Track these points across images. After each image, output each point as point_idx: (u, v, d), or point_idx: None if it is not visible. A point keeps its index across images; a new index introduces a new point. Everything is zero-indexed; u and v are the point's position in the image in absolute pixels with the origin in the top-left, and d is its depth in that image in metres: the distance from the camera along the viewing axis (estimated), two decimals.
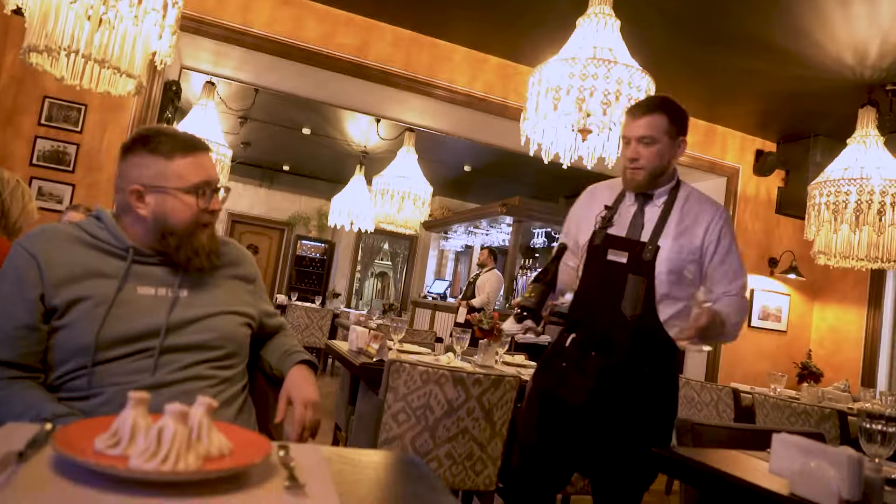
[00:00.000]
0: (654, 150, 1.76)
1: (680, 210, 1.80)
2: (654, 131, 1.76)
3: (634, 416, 1.76)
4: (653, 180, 1.79)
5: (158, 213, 1.25)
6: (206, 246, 1.29)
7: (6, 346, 1.14)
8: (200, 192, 1.27)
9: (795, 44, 3.58)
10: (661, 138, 1.76)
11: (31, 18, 2.31)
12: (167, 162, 1.25)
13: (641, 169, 1.77)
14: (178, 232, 1.26)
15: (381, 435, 2.30)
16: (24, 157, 3.40)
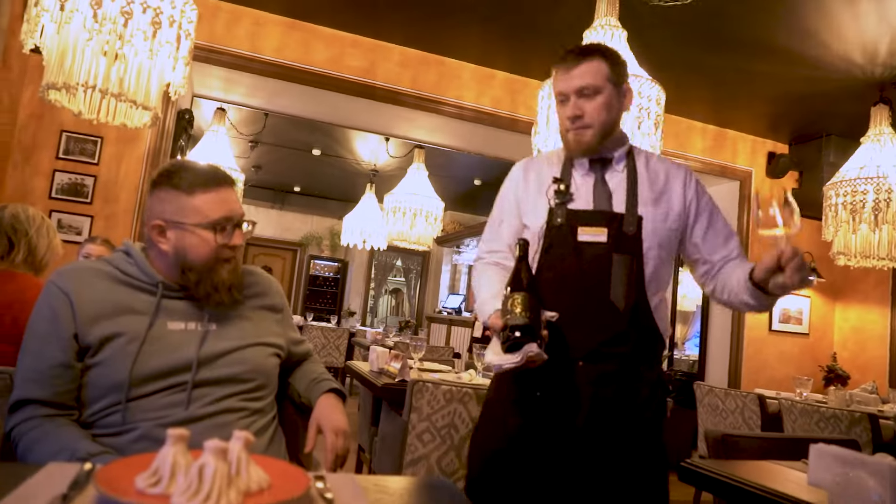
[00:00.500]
0: (600, 101, 1.46)
1: (647, 172, 1.53)
2: (596, 79, 1.46)
3: (637, 427, 1.47)
4: (602, 141, 1.49)
5: (179, 249, 1.26)
6: (226, 281, 1.29)
7: (41, 384, 1.15)
8: (219, 228, 1.27)
9: (802, 45, 3.57)
10: (605, 86, 1.47)
11: (48, 57, 2.36)
12: (188, 197, 1.25)
13: (588, 127, 1.47)
14: (198, 268, 1.27)
15: (407, 456, 2.30)
16: (44, 191, 3.45)
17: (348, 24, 3.98)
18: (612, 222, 1.47)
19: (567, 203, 1.50)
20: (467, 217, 10.55)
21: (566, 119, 1.49)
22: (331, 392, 1.41)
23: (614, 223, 1.46)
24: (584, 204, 1.50)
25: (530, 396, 1.46)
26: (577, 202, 1.50)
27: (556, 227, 1.49)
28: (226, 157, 5.41)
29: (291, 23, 3.94)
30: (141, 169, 3.61)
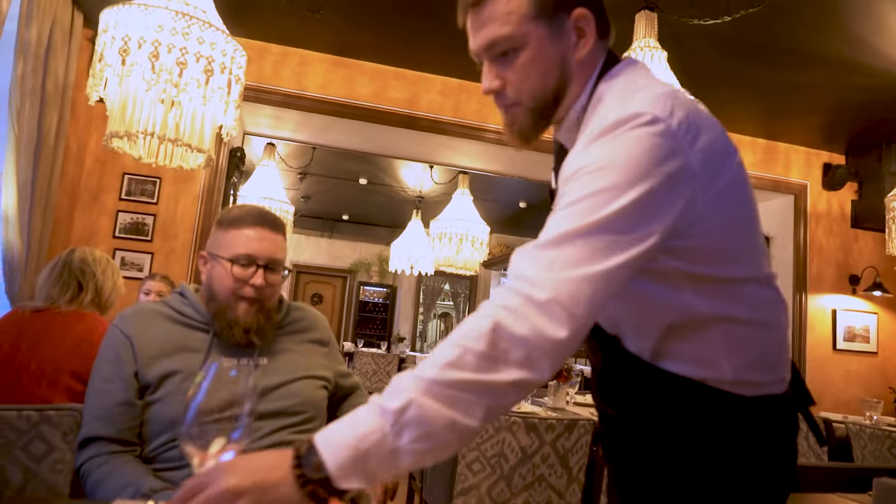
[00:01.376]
0: (524, 61, 0.91)
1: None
2: (508, 25, 0.90)
3: None
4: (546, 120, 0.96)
5: (209, 278, 1.35)
6: (241, 321, 1.31)
7: (107, 422, 1.22)
8: (241, 263, 1.30)
9: (854, 53, 3.46)
10: (528, 33, 0.90)
11: (111, 107, 2.52)
12: (223, 232, 1.34)
13: (516, 105, 0.94)
14: (218, 299, 1.32)
15: (458, 485, 2.29)
16: (108, 231, 3.65)
17: (390, 58, 4.09)
18: None
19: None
20: (514, 239, 10.53)
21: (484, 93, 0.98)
22: None
23: None
24: None
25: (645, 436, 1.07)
26: None
27: None
28: (276, 189, 5.59)
29: (336, 60, 4.08)
30: (196, 206, 3.78)
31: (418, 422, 0.69)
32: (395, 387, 0.71)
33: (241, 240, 1.32)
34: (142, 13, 2.39)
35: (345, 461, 0.68)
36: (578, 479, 2.37)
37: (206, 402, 0.77)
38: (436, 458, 0.72)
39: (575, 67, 0.93)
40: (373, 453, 0.68)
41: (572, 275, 0.75)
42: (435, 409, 0.69)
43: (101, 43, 2.48)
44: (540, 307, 0.73)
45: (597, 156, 0.81)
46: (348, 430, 0.70)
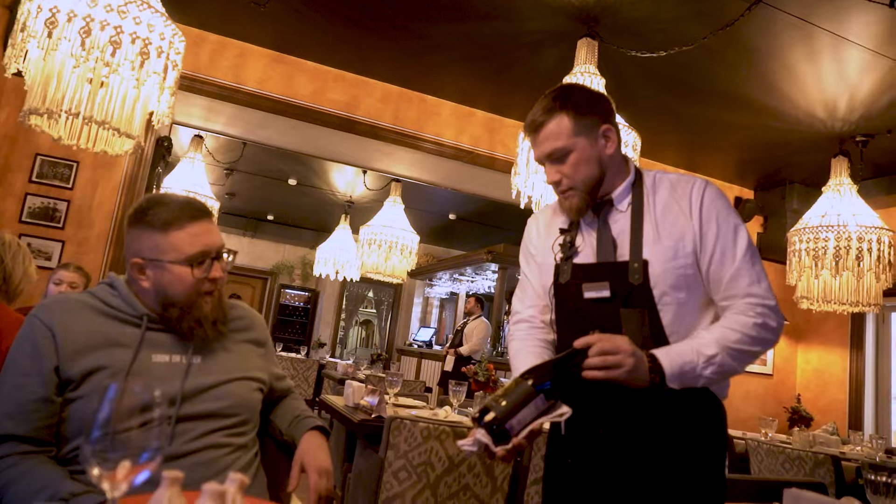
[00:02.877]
0: (573, 161, 1.32)
1: (653, 203, 1.33)
2: (559, 140, 1.32)
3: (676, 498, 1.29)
4: (594, 195, 1.35)
5: (158, 286, 1.26)
6: (208, 316, 1.28)
7: (20, 419, 1.13)
8: (197, 263, 1.25)
9: (768, 97, 3.75)
10: (574, 143, 1.32)
11: (32, 82, 2.34)
12: (162, 235, 1.24)
13: (572, 190, 1.34)
14: (179, 303, 1.26)
15: (382, 494, 2.27)
16: (14, 214, 3.38)
17: (332, 59, 4.04)
18: (617, 274, 1.30)
19: (572, 257, 1.36)
20: (440, 250, 10.60)
21: (549, 184, 1.40)
22: (315, 429, 1.40)
23: (619, 274, 1.29)
24: (589, 256, 1.36)
25: (562, 464, 1.39)
26: (582, 255, 1.36)
27: (563, 284, 1.36)
28: (201, 184, 5.37)
29: (276, 55, 3.99)
30: (117, 195, 3.57)
31: (719, 364, 1.23)
32: (706, 341, 1.25)
33: (188, 239, 1.25)
34: None
35: (672, 372, 1.21)
36: (502, 488, 2.40)
37: (110, 414, 0.70)
38: (711, 385, 1.29)
39: (607, 161, 1.36)
40: (686, 373, 1.22)
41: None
42: (727, 361, 1.24)
43: (24, 11, 2.31)
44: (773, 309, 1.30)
45: None
46: (677, 357, 1.22)
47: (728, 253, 1.29)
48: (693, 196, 1.32)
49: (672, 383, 1.21)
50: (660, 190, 1.36)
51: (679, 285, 1.28)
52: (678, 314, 1.28)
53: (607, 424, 1.32)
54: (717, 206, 1.32)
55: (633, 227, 1.32)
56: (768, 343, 1.28)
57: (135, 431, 0.69)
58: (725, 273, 1.28)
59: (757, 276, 1.29)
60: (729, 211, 1.33)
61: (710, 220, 1.30)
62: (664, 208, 1.33)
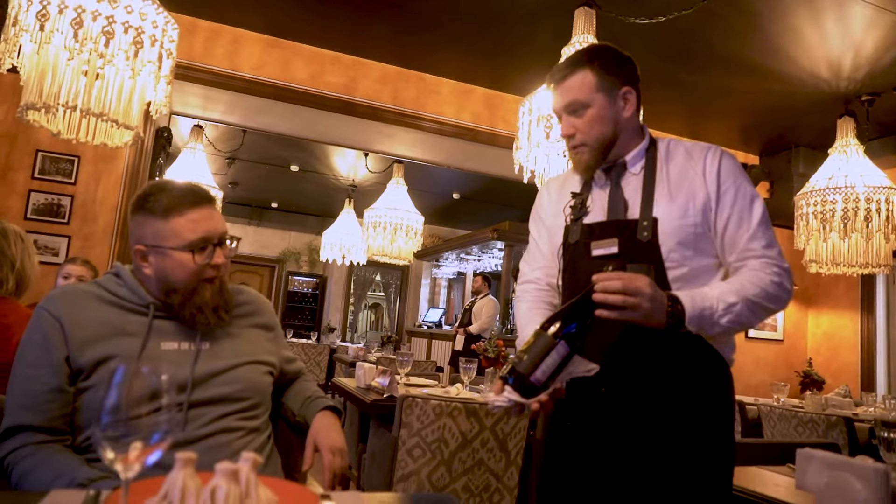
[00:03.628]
0: (590, 116, 1.34)
1: (666, 166, 1.35)
2: (582, 93, 1.34)
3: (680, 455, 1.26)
4: (604, 155, 1.37)
5: (160, 272, 1.26)
6: (209, 302, 1.27)
7: (34, 410, 1.14)
8: (198, 249, 1.25)
9: (771, 60, 3.69)
10: (594, 99, 1.34)
11: (27, 77, 2.33)
12: (163, 221, 1.24)
13: (583, 146, 1.36)
14: (181, 289, 1.26)
15: (397, 472, 2.29)
16: (19, 212, 3.39)
17: (328, 41, 4.00)
18: (625, 231, 1.31)
19: (582, 218, 1.38)
20: (446, 231, 10.59)
21: (562, 137, 1.40)
22: (327, 409, 1.41)
23: (627, 231, 1.31)
24: (599, 216, 1.37)
25: (562, 426, 1.38)
26: (591, 215, 1.38)
27: (573, 245, 1.38)
28: (203, 174, 5.37)
29: (271, 40, 3.95)
30: (119, 188, 3.57)
31: (736, 313, 1.21)
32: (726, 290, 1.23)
33: (189, 225, 1.25)
34: None
35: (692, 314, 1.19)
36: (516, 462, 2.42)
37: (120, 401, 0.71)
38: (723, 333, 1.26)
39: (623, 123, 1.37)
40: (705, 318, 1.20)
41: None
42: (744, 312, 1.23)
43: (15, 5, 2.29)
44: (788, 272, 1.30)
45: None
46: (699, 300, 1.20)
47: (745, 216, 1.30)
48: (708, 160, 1.34)
49: (690, 325, 1.18)
50: (674, 155, 1.38)
51: (687, 243, 1.29)
52: (684, 272, 1.28)
53: (610, 383, 1.29)
54: (734, 171, 1.34)
55: (645, 188, 1.34)
56: (781, 303, 1.28)
57: (144, 413, 0.69)
58: (741, 235, 1.30)
59: (771, 240, 1.31)
60: (746, 178, 1.35)
61: (727, 183, 1.32)
62: (677, 171, 1.35)
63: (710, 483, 1.26)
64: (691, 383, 1.28)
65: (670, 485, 1.25)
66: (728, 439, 1.30)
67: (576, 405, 1.34)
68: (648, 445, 1.27)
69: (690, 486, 1.25)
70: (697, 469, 1.26)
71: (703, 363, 1.29)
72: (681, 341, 1.24)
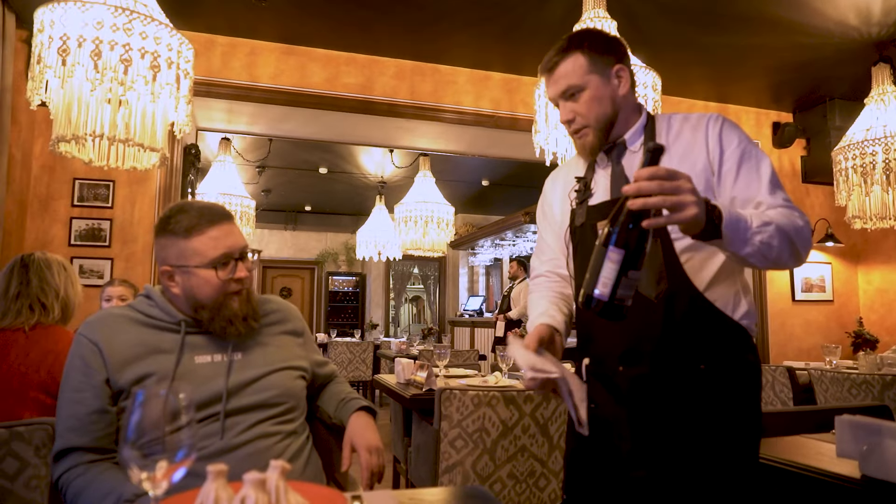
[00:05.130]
0: (587, 98, 1.34)
1: (667, 139, 1.36)
2: (574, 77, 1.34)
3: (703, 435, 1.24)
4: (608, 134, 1.37)
5: (187, 291, 1.32)
6: (238, 313, 1.32)
7: (81, 432, 1.20)
8: (221, 265, 1.30)
9: (796, 13, 3.55)
10: (588, 80, 1.34)
11: (56, 111, 2.43)
12: (185, 241, 1.30)
13: (585, 128, 1.36)
14: (209, 305, 1.31)
15: (442, 463, 2.32)
16: (63, 239, 3.54)
17: (341, 43, 4.03)
18: None
19: (587, 200, 1.39)
20: (479, 218, 10.58)
21: (563, 124, 1.41)
22: (361, 410, 1.44)
23: None
24: (603, 196, 1.38)
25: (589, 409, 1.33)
26: (595, 196, 1.39)
27: (579, 228, 1.39)
28: (235, 185, 5.49)
29: (286, 48, 4.00)
30: (154, 208, 3.69)
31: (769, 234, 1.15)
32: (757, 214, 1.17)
33: (210, 243, 1.30)
34: (79, 11, 2.30)
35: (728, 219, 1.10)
36: (560, 446, 2.43)
37: (143, 422, 0.74)
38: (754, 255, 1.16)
39: (620, 101, 1.38)
40: (740, 229, 1.12)
41: None
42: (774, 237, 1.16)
43: (37, 44, 2.38)
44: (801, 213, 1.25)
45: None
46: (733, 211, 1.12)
47: (754, 175, 1.29)
48: (710, 126, 1.33)
49: (727, 230, 1.11)
50: (673, 127, 1.38)
51: None
52: (691, 242, 1.23)
53: (628, 360, 1.29)
54: (736, 132, 1.33)
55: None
56: (805, 246, 1.22)
57: (168, 432, 0.73)
58: (753, 192, 1.27)
59: (787, 196, 1.29)
60: (749, 140, 1.34)
61: (731, 146, 1.31)
62: (677, 143, 1.34)
63: (733, 455, 1.25)
64: (711, 354, 1.26)
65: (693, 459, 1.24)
66: (753, 410, 1.29)
67: (595, 385, 1.35)
68: (669, 419, 1.26)
69: (712, 460, 1.23)
70: (718, 440, 1.24)
71: (723, 333, 1.27)
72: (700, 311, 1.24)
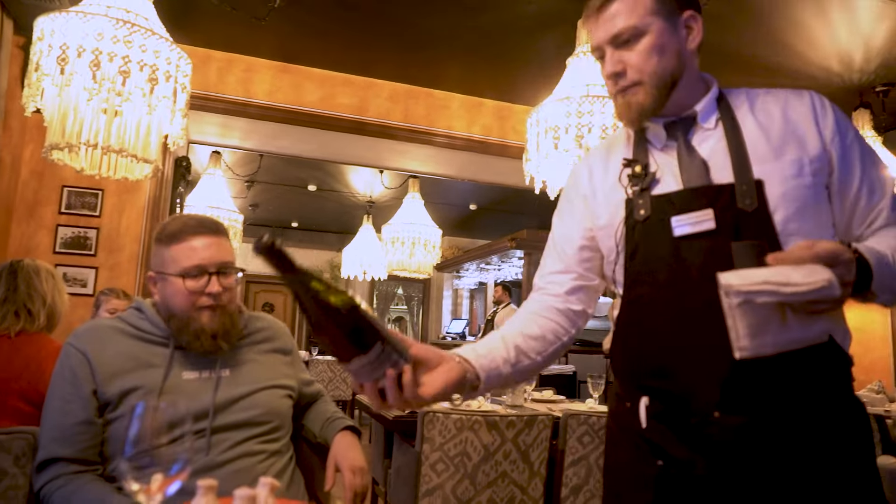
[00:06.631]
0: (645, 46, 1.04)
1: (754, 117, 1.06)
2: (634, 17, 1.04)
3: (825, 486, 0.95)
4: (666, 97, 1.06)
5: (163, 298, 1.33)
6: (206, 328, 1.30)
7: (66, 442, 1.19)
8: (192, 276, 1.29)
9: (780, 57, 3.67)
10: (650, 24, 1.04)
11: (50, 118, 2.43)
12: (166, 248, 1.32)
13: (638, 85, 1.05)
14: (177, 315, 1.31)
15: (422, 486, 2.31)
16: (48, 246, 3.51)
17: (338, 64, 4.08)
18: (719, 199, 1.00)
19: (650, 189, 1.07)
20: (465, 242, 10.62)
21: (607, 80, 1.09)
22: (346, 430, 1.44)
23: (722, 200, 1.00)
24: (672, 184, 1.06)
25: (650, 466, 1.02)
26: (662, 185, 1.07)
27: (641, 221, 1.06)
28: (223, 198, 5.48)
29: (282, 66, 4.04)
30: (142, 218, 3.67)
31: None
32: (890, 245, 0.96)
33: (187, 252, 1.30)
34: (80, 21, 2.32)
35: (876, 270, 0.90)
36: (540, 473, 2.43)
37: (140, 434, 0.75)
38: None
39: (688, 57, 1.09)
40: (885, 273, 0.91)
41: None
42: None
43: (36, 52, 2.39)
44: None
45: None
46: (872, 252, 0.91)
47: (876, 180, 1.05)
48: (818, 106, 1.06)
49: (877, 285, 0.90)
50: (759, 102, 1.08)
51: (805, 208, 0.99)
52: None
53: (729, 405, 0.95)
54: (850, 125, 1.07)
55: (733, 144, 1.04)
56: None
57: (164, 445, 0.74)
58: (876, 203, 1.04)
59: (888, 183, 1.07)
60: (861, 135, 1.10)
61: (850, 137, 1.05)
62: (774, 121, 1.05)
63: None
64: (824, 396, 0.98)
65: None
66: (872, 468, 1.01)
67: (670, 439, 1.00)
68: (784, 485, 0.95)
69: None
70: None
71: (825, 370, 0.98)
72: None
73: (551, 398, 3.39)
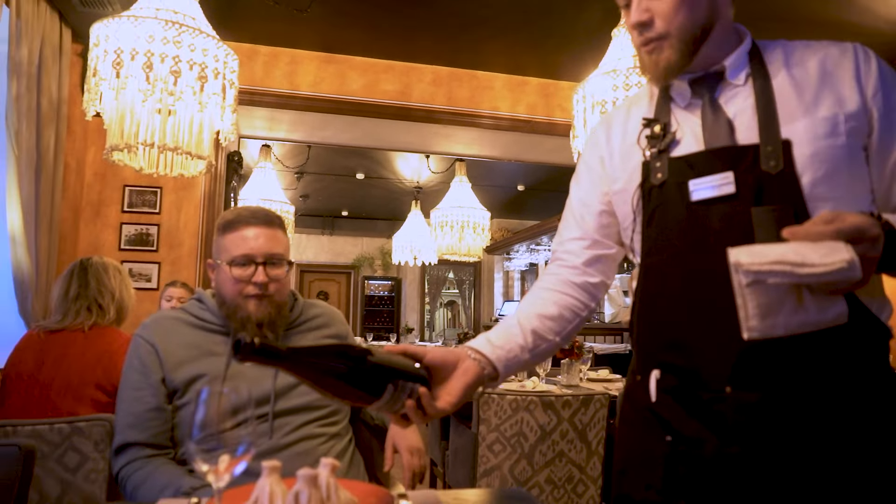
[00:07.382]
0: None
1: (788, 72, 0.96)
2: None
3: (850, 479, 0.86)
4: (695, 51, 0.97)
5: (217, 285, 1.39)
6: (252, 317, 1.33)
7: (140, 428, 1.26)
8: (239, 264, 1.33)
9: (844, 13, 3.47)
10: None
11: (109, 121, 2.53)
12: (221, 237, 1.37)
13: (663, 38, 0.96)
14: (227, 302, 1.36)
15: (480, 467, 2.33)
16: (114, 244, 3.68)
17: (380, 51, 4.09)
18: (741, 161, 0.91)
19: (669, 150, 0.99)
20: (514, 223, 10.55)
21: (631, 30, 1.00)
22: None
23: (745, 162, 0.91)
24: (692, 145, 0.98)
25: (658, 443, 0.97)
26: (682, 146, 0.99)
27: (657, 186, 0.98)
28: (275, 190, 5.61)
29: (326, 56, 4.08)
30: (199, 213, 3.80)
31: None
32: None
33: (237, 241, 1.35)
34: (132, 25, 2.40)
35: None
36: (598, 452, 2.41)
37: (207, 418, 0.78)
38: None
39: (720, 9, 0.99)
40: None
41: None
42: None
43: (93, 57, 2.49)
44: None
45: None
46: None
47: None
48: (861, 59, 0.93)
49: None
50: (795, 56, 0.98)
51: (838, 171, 0.89)
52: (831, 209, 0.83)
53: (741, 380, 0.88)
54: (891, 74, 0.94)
55: (761, 101, 0.94)
56: None
57: (229, 429, 0.76)
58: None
59: None
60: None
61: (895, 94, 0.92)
62: (810, 75, 0.94)
63: None
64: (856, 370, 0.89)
65: None
66: None
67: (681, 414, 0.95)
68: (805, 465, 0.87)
69: None
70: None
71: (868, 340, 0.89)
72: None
73: (607, 377, 3.35)
